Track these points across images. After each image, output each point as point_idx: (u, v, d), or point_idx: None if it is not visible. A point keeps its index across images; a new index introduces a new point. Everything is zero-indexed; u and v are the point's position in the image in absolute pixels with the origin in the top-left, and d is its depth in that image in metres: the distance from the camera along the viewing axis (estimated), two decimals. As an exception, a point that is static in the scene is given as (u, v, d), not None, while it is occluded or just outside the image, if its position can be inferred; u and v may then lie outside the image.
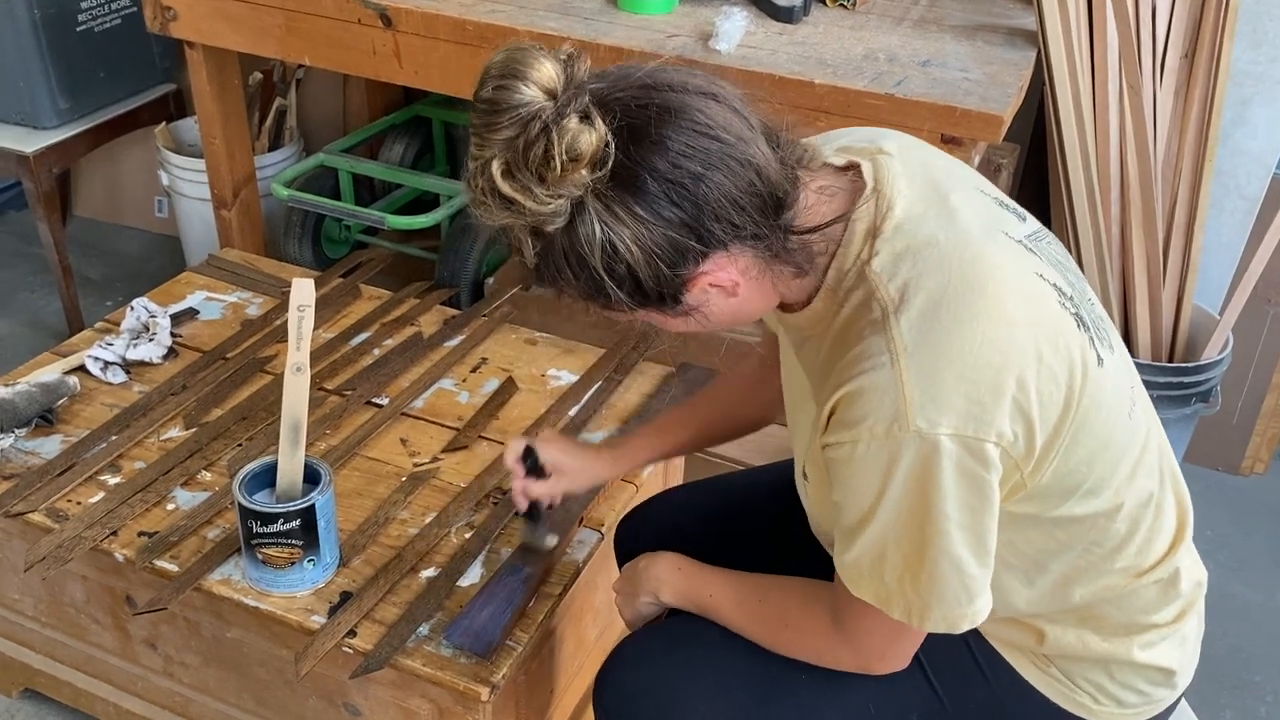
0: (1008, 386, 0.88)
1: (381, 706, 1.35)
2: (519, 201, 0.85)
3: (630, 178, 0.85)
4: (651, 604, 1.22)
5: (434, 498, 1.51)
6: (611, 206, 0.85)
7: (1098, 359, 0.96)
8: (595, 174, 0.84)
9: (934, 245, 0.93)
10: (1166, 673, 1.09)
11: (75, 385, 1.66)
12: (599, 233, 0.85)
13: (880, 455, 0.89)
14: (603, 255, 0.86)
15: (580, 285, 0.90)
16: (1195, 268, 2.08)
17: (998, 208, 1.02)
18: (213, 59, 2.16)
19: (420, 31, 1.89)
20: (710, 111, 0.87)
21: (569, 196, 0.85)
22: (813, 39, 1.84)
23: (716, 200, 0.86)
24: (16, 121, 2.45)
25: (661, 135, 0.85)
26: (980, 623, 0.96)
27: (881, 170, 0.97)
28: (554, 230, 0.87)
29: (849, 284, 0.95)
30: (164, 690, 1.57)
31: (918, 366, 0.88)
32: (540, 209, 0.85)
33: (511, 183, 0.85)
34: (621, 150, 0.84)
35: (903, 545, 0.93)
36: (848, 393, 0.91)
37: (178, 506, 1.48)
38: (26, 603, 1.61)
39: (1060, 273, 0.99)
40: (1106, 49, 1.97)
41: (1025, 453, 0.92)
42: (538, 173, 0.84)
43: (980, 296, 0.90)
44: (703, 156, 0.85)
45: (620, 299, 0.90)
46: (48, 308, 2.79)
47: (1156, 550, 1.06)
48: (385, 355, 1.81)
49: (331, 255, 2.74)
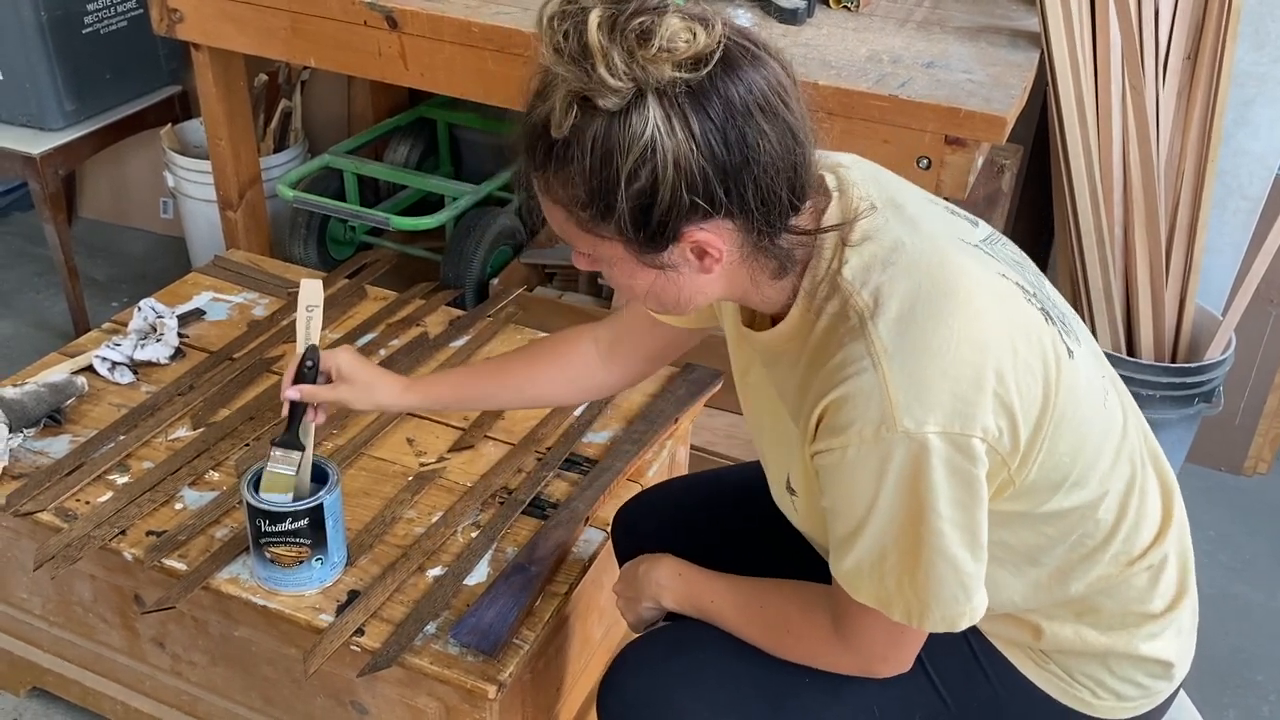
0: (988, 381, 0.90)
1: (389, 705, 1.36)
2: (594, 60, 0.82)
3: (704, 98, 0.84)
4: (653, 609, 1.22)
5: (440, 497, 1.52)
6: (671, 116, 0.83)
7: (1068, 351, 0.98)
8: (678, 75, 0.83)
9: (900, 250, 0.95)
10: (1164, 665, 1.10)
11: (83, 385, 1.67)
12: (647, 133, 0.83)
13: (871, 458, 0.91)
14: (636, 157, 0.84)
15: (587, 180, 0.86)
16: (1198, 268, 2.09)
17: (950, 215, 1.05)
18: (219, 61, 2.17)
19: (426, 33, 1.89)
20: (788, 90, 0.88)
21: (641, 82, 0.82)
22: (816, 40, 1.85)
23: (761, 162, 0.86)
24: (23, 123, 2.46)
25: (750, 79, 0.85)
26: (978, 619, 0.97)
27: (845, 182, 0.99)
28: (603, 108, 0.83)
29: (823, 294, 0.96)
30: (172, 689, 1.58)
31: (900, 368, 0.89)
32: (607, 78, 0.82)
33: (602, 36, 0.82)
34: (711, 70, 0.83)
35: (899, 546, 0.94)
36: (833, 400, 0.92)
37: (185, 506, 1.49)
38: (35, 602, 1.62)
39: (1019, 272, 1.01)
40: (1109, 50, 1.97)
41: (1011, 448, 0.93)
42: (629, 42, 0.82)
43: (952, 297, 0.92)
44: (771, 117, 0.86)
45: (618, 209, 0.87)
46: (53, 308, 2.80)
47: (1145, 535, 1.07)
48: (391, 355, 1.81)
49: (336, 256, 2.74)
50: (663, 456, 1.66)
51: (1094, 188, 2.01)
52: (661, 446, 1.66)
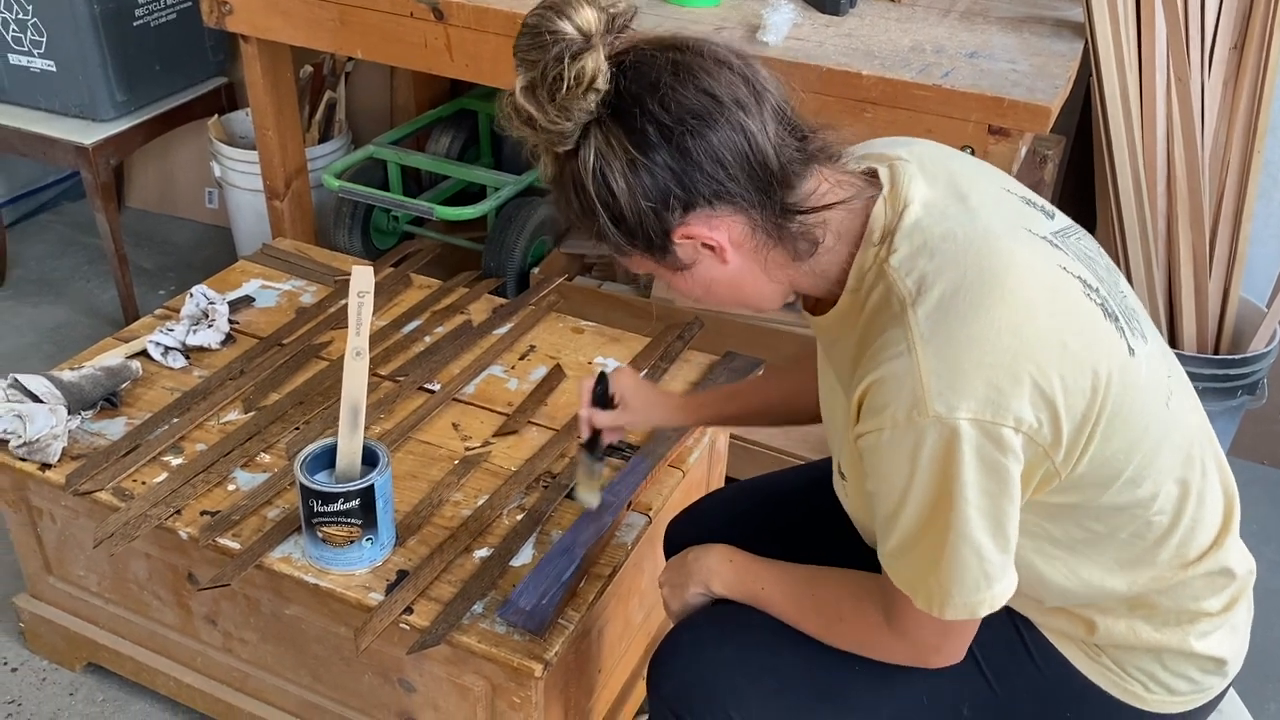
0: (1026, 372, 0.90)
1: (435, 682, 1.39)
2: (534, 117, 0.93)
3: (628, 115, 0.92)
4: (701, 595, 1.22)
5: (486, 480, 1.55)
6: (609, 138, 0.92)
7: (1129, 349, 0.97)
8: (600, 105, 0.92)
9: (951, 240, 0.96)
10: (1218, 661, 1.10)
11: (138, 369, 1.71)
12: (593, 160, 0.93)
13: (905, 442, 0.92)
14: (595, 183, 0.94)
15: (581, 213, 0.97)
16: (1242, 260, 2.07)
17: (1023, 205, 1.04)
18: (266, 52, 2.20)
19: (471, 25, 1.92)
20: (716, 75, 0.93)
21: (576, 122, 0.92)
22: (860, 31, 1.85)
23: (701, 154, 0.92)
24: (75, 114, 2.51)
25: (662, 83, 0.92)
26: (998, 608, 0.97)
27: (898, 173, 1.01)
28: (563, 152, 0.95)
29: (869, 282, 0.98)
30: (223, 666, 1.61)
31: (934, 354, 0.91)
32: (550, 128, 0.93)
33: (529, 98, 0.93)
34: (625, 89, 0.92)
35: (930, 531, 0.95)
36: (872, 382, 0.94)
37: (238, 487, 1.52)
38: (91, 579, 1.66)
39: (1088, 267, 1.01)
40: (1155, 40, 1.96)
41: (1053, 440, 0.93)
42: (550, 93, 0.91)
43: (997, 286, 0.93)
44: (695, 111, 0.91)
45: (610, 232, 0.96)
46: (103, 296, 2.85)
47: (1201, 542, 1.06)
48: (436, 342, 1.84)
49: (379, 246, 2.78)
50: (704, 443, 1.68)
51: (1137, 179, 2.00)
52: (703, 434, 1.67)
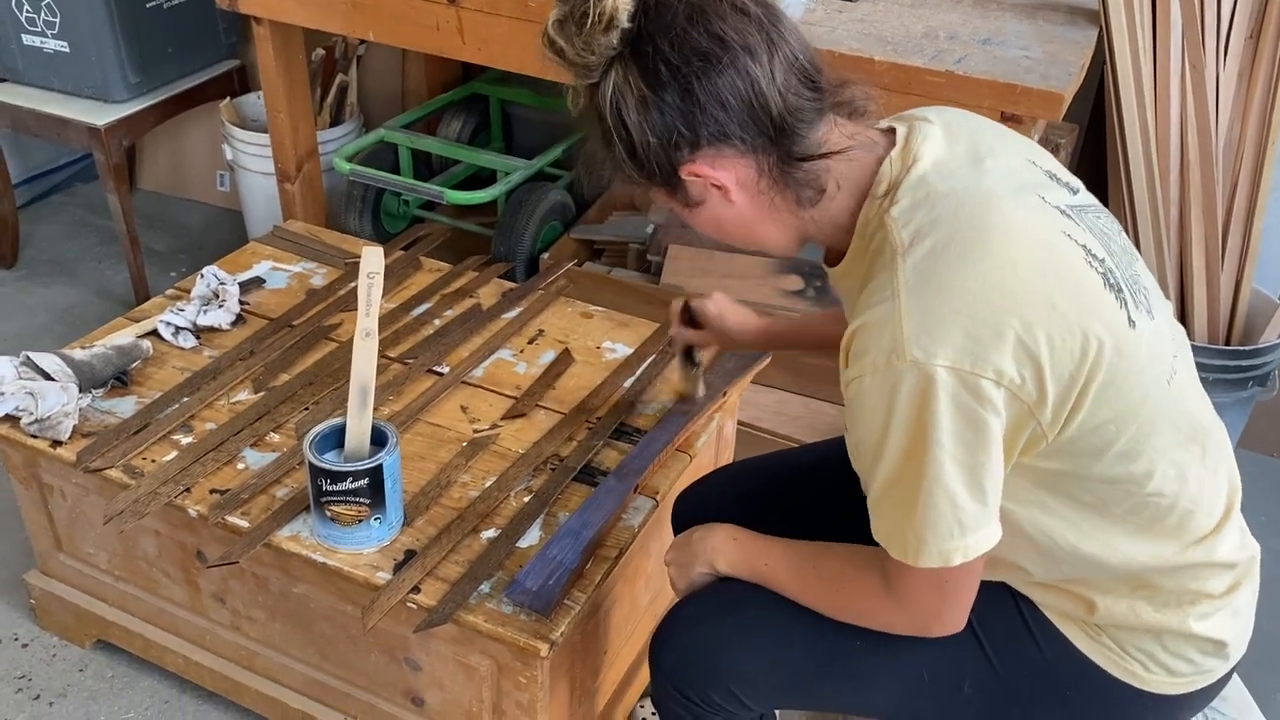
0: (1010, 327, 0.92)
1: (442, 661, 1.39)
2: (564, 50, 0.99)
3: (643, 54, 0.97)
4: (706, 573, 1.24)
5: (494, 463, 1.55)
6: (626, 74, 0.98)
7: (1129, 320, 0.98)
8: (622, 42, 0.97)
9: (953, 196, 0.98)
10: (1218, 644, 1.10)
11: (148, 349, 1.72)
12: (611, 94, 0.99)
13: (883, 387, 0.94)
14: (612, 116, 1.00)
15: (601, 143, 1.03)
16: (1255, 251, 2.07)
17: (1043, 176, 1.06)
18: (279, 35, 2.20)
19: (483, 8, 1.92)
20: (730, 20, 0.97)
21: (600, 56, 0.98)
22: (873, 16, 1.85)
23: (705, 95, 0.97)
24: (88, 95, 2.52)
25: (677, 25, 0.96)
26: (974, 558, 0.98)
27: (914, 132, 1.03)
28: (589, 85, 1.01)
29: (872, 230, 1.02)
30: (231, 643, 1.62)
31: (915, 301, 0.93)
32: (576, 60, 0.99)
33: (559, 32, 0.99)
34: (645, 28, 0.97)
35: (905, 477, 0.96)
36: (858, 327, 0.97)
37: (247, 466, 1.53)
38: (101, 556, 1.67)
39: (1100, 240, 1.02)
40: (1170, 29, 1.95)
41: (1038, 398, 0.94)
42: (579, 27, 0.97)
43: (987, 242, 0.95)
44: (702, 52, 0.96)
45: (625, 163, 1.03)
46: (115, 277, 2.86)
47: (1202, 525, 1.07)
48: (446, 325, 1.85)
49: (390, 229, 2.78)
50: (710, 429, 1.68)
51: (1150, 168, 1.99)
52: (710, 419, 1.68)
